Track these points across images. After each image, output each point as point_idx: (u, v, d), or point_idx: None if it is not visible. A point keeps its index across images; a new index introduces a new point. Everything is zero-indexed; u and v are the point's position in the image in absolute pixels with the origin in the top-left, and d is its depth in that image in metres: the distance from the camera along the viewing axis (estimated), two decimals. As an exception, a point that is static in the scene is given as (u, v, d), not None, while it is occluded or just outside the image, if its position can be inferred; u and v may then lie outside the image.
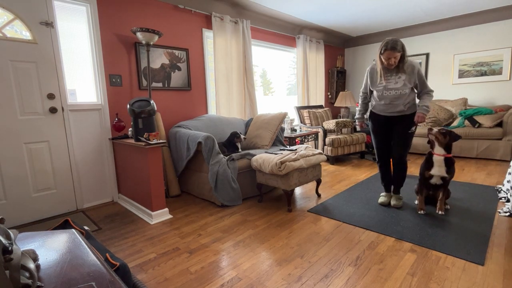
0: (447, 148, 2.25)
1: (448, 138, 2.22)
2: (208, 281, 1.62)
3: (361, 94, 2.66)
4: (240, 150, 3.27)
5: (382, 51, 2.23)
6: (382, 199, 2.67)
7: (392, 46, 2.19)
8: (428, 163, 2.32)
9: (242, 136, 3.22)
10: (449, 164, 2.25)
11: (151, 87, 3.16)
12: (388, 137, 2.54)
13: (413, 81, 2.32)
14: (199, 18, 3.60)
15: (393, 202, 2.61)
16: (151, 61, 3.16)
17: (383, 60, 2.27)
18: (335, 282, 1.57)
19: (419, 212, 2.41)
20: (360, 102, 2.68)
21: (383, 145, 2.57)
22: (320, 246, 1.96)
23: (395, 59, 2.22)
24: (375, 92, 2.47)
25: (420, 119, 2.30)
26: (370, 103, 2.60)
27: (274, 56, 4.91)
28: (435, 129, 2.28)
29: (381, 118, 2.50)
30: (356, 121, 2.74)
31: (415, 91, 2.43)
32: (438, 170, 2.27)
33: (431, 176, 2.32)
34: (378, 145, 2.60)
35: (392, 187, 2.66)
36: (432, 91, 2.35)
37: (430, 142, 2.37)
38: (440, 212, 2.38)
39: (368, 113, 2.66)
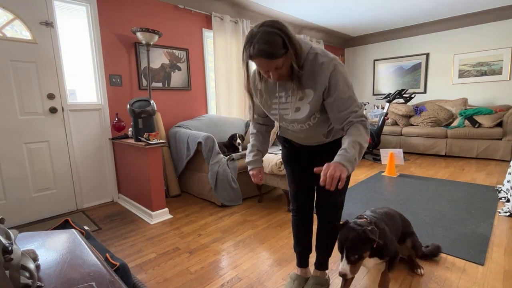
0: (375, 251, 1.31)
1: (367, 252, 1.27)
2: (208, 281, 1.62)
3: (251, 128, 1.46)
4: (240, 150, 3.27)
5: (248, 56, 1.04)
6: (289, 284, 1.52)
7: (262, 49, 0.99)
8: None
9: (237, 141, 3.22)
10: (381, 252, 1.34)
11: (151, 87, 3.16)
12: (306, 171, 1.43)
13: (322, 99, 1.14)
14: (199, 18, 3.60)
15: None
16: (151, 61, 3.16)
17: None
18: (335, 282, 1.57)
19: None
20: (251, 134, 1.46)
21: (297, 183, 1.47)
22: (320, 246, 1.96)
23: (279, 70, 1.07)
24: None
25: (332, 180, 0.99)
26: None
27: (274, 56, 4.91)
28: (343, 268, 1.24)
29: (293, 142, 1.43)
30: (249, 168, 1.41)
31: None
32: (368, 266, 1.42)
33: None
34: (291, 183, 1.49)
35: (315, 259, 1.54)
36: (364, 116, 1.12)
37: None
38: None
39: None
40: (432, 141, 4.64)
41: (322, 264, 1.52)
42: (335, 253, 1.85)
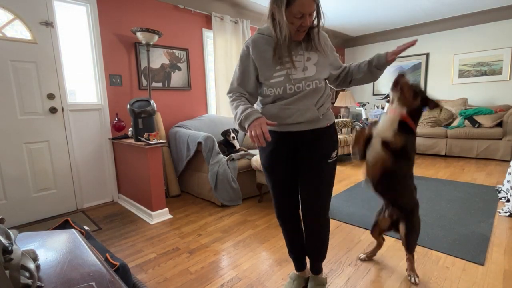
0: (411, 114, 1.37)
1: (417, 102, 1.34)
2: (208, 281, 1.62)
3: (230, 96, 1.36)
4: (237, 147, 3.23)
5: None
6: (288, 284, 1.53)
7: None
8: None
9: (231, 135, 3.17)
10: (403, 129, 1.35)
11: (151, 87, 3.16)
12: (292, 176, 1.38)
13: (331, 64, 1.33)
14: (199, 18, 3.60)
15: None
16: (151, 61, 3.16)
17: (287, 20, 1.14)
18: (335, 282, 1.57)
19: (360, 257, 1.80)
20: (235, 99, 1.31)
21: (284, 191, 1.41)
22: (320, 246, 1.96)
23: (311, 17, 1.17)
24: (266, 89, 1.29)
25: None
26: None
27: (274, 56, 4.90)
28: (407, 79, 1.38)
29: (276, 137, 1.33)
30: (249, 121, 1.16)
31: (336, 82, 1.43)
32: (381, 130, 1.40)
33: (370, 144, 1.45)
34: (274, 191, 1.43)
35: (308, 262, 1.53)
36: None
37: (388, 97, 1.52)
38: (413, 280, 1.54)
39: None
40: (432, 141, 4.64)
41: (317, 269, 1.50)
42: (330, 255, 1.85)
